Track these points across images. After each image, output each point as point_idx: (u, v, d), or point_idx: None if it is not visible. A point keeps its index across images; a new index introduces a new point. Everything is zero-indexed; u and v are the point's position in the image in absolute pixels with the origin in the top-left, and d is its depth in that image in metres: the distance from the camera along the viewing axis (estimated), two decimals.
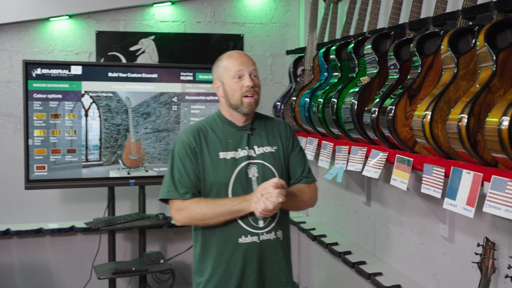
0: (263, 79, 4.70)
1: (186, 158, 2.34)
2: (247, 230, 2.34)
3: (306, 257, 4.67)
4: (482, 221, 2.49)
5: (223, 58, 2.42)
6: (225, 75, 2.37)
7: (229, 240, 2.34)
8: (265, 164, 2.40)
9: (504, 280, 2.32)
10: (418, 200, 2.92)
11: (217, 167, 2.34)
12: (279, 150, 2.46)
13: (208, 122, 2.44)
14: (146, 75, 4.03)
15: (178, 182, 2.33)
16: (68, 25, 4.35)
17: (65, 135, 3.89)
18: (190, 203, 2.31)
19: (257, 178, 2.37)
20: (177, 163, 2.36)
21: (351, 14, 3.54)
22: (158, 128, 4.05)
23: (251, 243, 2.35)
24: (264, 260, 2.38)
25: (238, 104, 2.36)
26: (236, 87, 2.34)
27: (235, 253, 2.34)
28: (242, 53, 2.44)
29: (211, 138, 2.37)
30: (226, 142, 2.38)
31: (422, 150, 2.34)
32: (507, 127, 1.73)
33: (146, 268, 3.82)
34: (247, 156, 2.38)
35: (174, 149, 2.39)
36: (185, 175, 2.33)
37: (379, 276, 3.14)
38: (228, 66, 2.37)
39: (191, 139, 2.36)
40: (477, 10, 2.23)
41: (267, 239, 2.38)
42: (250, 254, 2.35)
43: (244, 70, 2.35)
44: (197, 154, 2.34)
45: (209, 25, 4.59)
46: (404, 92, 2.36)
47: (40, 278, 4.35)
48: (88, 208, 4.31)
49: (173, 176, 2.35)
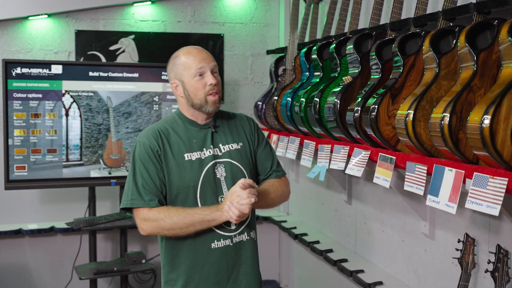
0: (244, 79, 4.72)
1: (149, 162, 2.19)
2: (219, 234, 2.24)
3: (287, 256, 4.70)
4: (462, 217, 2.55)
5: (180, 55, 2.28)
6: (185, 74, 2.24)
7: (202, 247, 2.23)
8: (232, 162, 2.30)
9: (484, 275, 2.38)
10: (399, 198, 2.97)
11: (183, 170, 2.21)
12: (245, 146, 2.36)
13: (168, 122, 2.30)
14: (127, 74, 4.02)
15: (142, 188, 2.17)
16: (47, 24, 4.31)
17: (46, 135, 3.87)
18: (158, 211, 2.16)
19: (226, 178, 2.28)
20: (139, 168, 2.19)
21: (332, 15, 3.58)
22: (140, 127, 4.04)
23: (225, 247, 2.26)
24: (239, 263, 2.30)
25: (202, 104, 2.24)
26: (199, 85, 2.23)
27: (209, 259, 2.24)
28: (201, 48, 2.30)
29: (174, 140, 2.24)
30: (190, 143, 2.26)
31: (405, 148, 2.38)
32: (489, 126, 1.78)
33: (128, 268, 3.81)
34: (213, 156, 2.27)
35: (135, 153, 2.23)
36: (150, 180, 2.18)
37: (361, 273, 3.18)
38: (188, 63, 2.23)
39: (153, 142, 2.21)
40: (457, 11, 2.28)
41: (240, 241, 2.29)
42: (224, 259, 2.26)
43: (205, 67, 2.23)
44: (161, 157, 2.20)
45: (190, 24, 4.59)
46: (386, 92, 2.39)
47: (20, 279, 4.31)
48: (68, 208, 4.28)
49: (136, 182, 2.18)
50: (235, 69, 4.70)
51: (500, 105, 1.79)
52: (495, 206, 1.77)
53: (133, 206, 2.19)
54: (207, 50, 4.38)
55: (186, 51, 2.28)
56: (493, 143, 1.78)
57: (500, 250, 2.22)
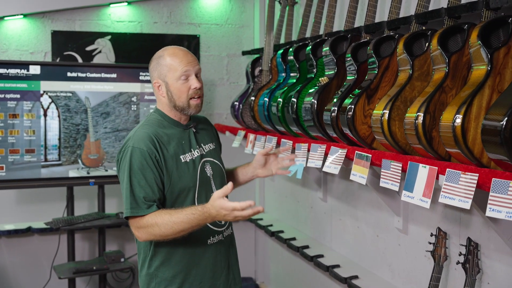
0: (219, 79, 4.79)
1: (147, 168, 2.16)
2: (214, 230, 2.32)
3: (263, 253, 4.78)
4: (434, 212, 2.66)
5: (165, 55, 2.26)
6: (169, 75, 2.24)
7: (198, 243, 2.28)
8: (214, 161, 2.40)
9: (455, 267, 2.50)
10: (373, 194, 3.08)
11: (182, 172, 2.24)
12: (216, 146, 2.50)
13: (156, 125, 2.28)
14: (105, 75, 4.05)
15: (139, 197, 2.15)
16: (22, 24, 4.31)
17: (24, 135, 3.87)
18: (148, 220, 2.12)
19: (213, 176, 2.36)
20: (136, 176, 2.15)
21: (307, 17, 3.67)
22: (118, 127, 4.08)
23: (219, 242, 2.34)
24: (230, 256, 2.42)
25: (184, 106, 2.27)
26: (183, 88, 2.24)
27: (205, 255, 2.30)
28: (186, 50, 2.29)
29: (168, 142, 2.25)
30: (181, 144, 2.29)
31: (380, 146, 2.48)
32: (460, 124, 1.89)
33: (107, 267, 3.85)
34: (200, 156, 2.33)
35: (131, 160, 2.17)
36: (147, 187, 2.15)
37: (337, 268, 3.28)
38: (174, 65, 2.23)
39: (150, 147, 2.18)
40: (429, 15, 2.39)
41: (228, 235, 2.41)
42: (219, 253, 2.35)
43: (191, 70, 2.25)
44: (160, 162, 2.19)
45: (166, 25, 4.63)
46: (362, 92, 2.49)
47: None
48: (45, 208, 4.29)
49: (133, 191, 2.15)
50: (211, 69, 4.76)
51: (471, 105, 1.89)
52: (467, 200, 1.87)
53: (132, 215, 2.15)
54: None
55: (171, 52, 2.27)
56: (465, 141, 1.89)
57: (471, 242, 2.34)
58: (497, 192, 1.74)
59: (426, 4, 2.45)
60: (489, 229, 2.33)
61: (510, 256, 2.23)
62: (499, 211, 1.73)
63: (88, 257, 4.44)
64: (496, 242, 2.29)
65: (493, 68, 1.93)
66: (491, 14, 2.05)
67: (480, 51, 1.96)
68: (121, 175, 2.23)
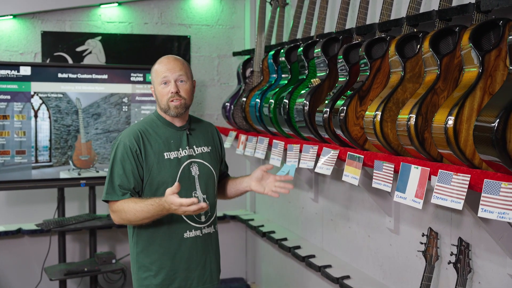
0: (210, 80, 4.80)
1: (126, 160, 2.41)
2: (191, 225, 2.49)
3: (253, 254, 4.79)
4: (426, 213, 2.69)
5: (157, 62, 2.53)
6: (155, 80, 2.49)
7: (175, 236, 2.47)
8: (204, 163, 2.56)
9: (446, 266, 2.52)
10: (365, 195, 3.10)
11: (162, 167, 2.44)
12: (213, 150, 2.64)
13: (148, 124, 2.52)
14: (96, 76, 4.04)
15: (116, 184, 2.40)
16: (12, 25, 4.29)
17: (14, 136, 3.86)
18: (121, 204, 2.38)
19: (199, 176, 2.52)
20: (117, 165, 2.42)
21: (298, 18, 3.69)
22: (109, 128, 4.07)
23: (195, 237, 2.50)
24: (207, 253, 2.55)
25: (166, 108, 2.48)
26: (164, 92, 2.47)
27: (181, 248, 2.47)
28: (172, 58, 2.51)
29: (154, 139, 2.46)
30: (168, 143, 2.48)
31: (372, 147, 2.50)
32: (452, 126, 1.91)
33: (99, 268, 3.84)
34: (188, 156, 2.51)
35: (117, 151, 2.44)
36: (124, 177, 2.40)
37: (328, 268, 3.30)
38: (157, 71, 2.48)
39: (133, 142, 2.42)
40: (420, 18, 2.41)
41: (207, 233, 2.56)
42: (195, 248, 2.50)
43: (169, 76, 2.45)
44: (140, 156, 2.42)
45: (156, 26, 4.63)
46: (354, 94, 2.51)
47: None
48: (35, 210, 4.27)
49: (113, 178, 2.42)
50: (201, 70, 4.76)
51: (462, 107, 1.92)
52: (459, 200, 1.90)
53: (107, 199, 2.43)
54: (174, 51, 4.43)
55: (160, 60, 2.53)
56: (457, 142, 1.91)
57: (462, 242, 2.37)
58: (489, 193, 1.77)
59: (417, 6, 2.48)
60: (480, 229, 2.35)
61: (500, 255, 2.26)
62: (491, 212, 1.75)
63: (79, 258, 4.42)
64: (487, 242, 2.32)
65: (484, 70, 1.95)
66: (482, 16, 2.08)
67: (472, 53, 1.99)
68: (109, 164, 2.51)
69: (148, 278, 2.47)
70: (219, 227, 2.70)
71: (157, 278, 2.46)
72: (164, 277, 2.46)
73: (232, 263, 4.86)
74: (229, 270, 4.80)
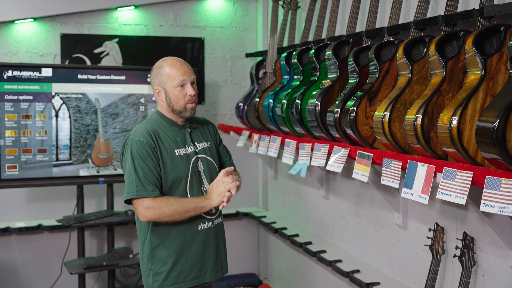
0: (223, 81, 4.92)
1: (147, 157, 2.48)
2: (204, 218, 2.61)
3: (265, 250, 4.91)
4: (432, 209, 2.80)
5: (165, 65, 2.57)
6: (168, 83, 2.55)
7: (190, 228, 2.58)
8: (207, 158, 2.69)
9: (452, 260, 2.63)
10: (374, 192, 3.21)
11: (175, 164, 2.55)
12: (212, 145, 2.76)
13: (154, 124, 2.59)
14: (114, 77, 4.18)
15: (144, 180, 2.46)
16: (32, 28, 4.43)
17: (36, 135, 4.00)
18: (160, 200, 2.46)
19: (204, 171, 2.65)
20: (139, 163, 2.47)
21: (310, 21, 3.80)
22: (126, 128, 4.21)
23: (208, 228, 2.63)
24: (218, 242, 2.69)
25: (181, 110, 2.58)
26: (180, 95, 2.56)
27: (196, 239, 2.59)
28: (183, 61, 2.61)
29: (164, 138, 2.56)
30: (176, 140, 2.59)
31: (381, 146, 2.62)
32: (456, 125, 2.03)
33: (117, 263, 3.98)
34: (194, 152, 2.63)
35: (132, 150, 2.49)
36: (150, 173, 2.47)
37: (339, 263, 3.41)
38: (172, 75, 2.54)
39: (149, 140, 2.50)
40: (427, 22, 2.52)
41: (217, 223, 2.70)
42: (208, 239, 2.63)
43: (187, 80, 2.56)
44: (157, 153, 2.50)
45: (171, 28, 4.76)
46: (364, 95, 2.63)
47: (7, 277, 4.42)
48: (54, 207, 4.41)
49: (138, 175, 2.46)
50: (215, 71, 4.89)
51: (466, 108, 2.03)
52: (462, 196, 2.01)
53: (139, 196, 2.46)
54: (188, 53, 4.56)
55: (170, 63, 2.58)
56: (460, 141, 2.03)
57: (467, 237, 2.47)
58: (490, 188, 1.88)
59: (424, 11, 2.59)
60: (484, 224, 2.46)
61: (503, 249, 2.37)
62: (492, 206, 1.87)
63: (97, 253, 4.56)
64: (491, 236, 2.43)
65: (486, 73, 2.07)
66: (485, 22, 2.19)
67: (475, 57, 2.10)
68: (124, 164, 2.56)
69: (164, 272, 2.55)
70: (232, 224, 2.87)
71: (174, 271, 2.56)
72: (181, 269, 2.56)
73: (245, 259, 4.98)
74: (241, 266, 4.93)
